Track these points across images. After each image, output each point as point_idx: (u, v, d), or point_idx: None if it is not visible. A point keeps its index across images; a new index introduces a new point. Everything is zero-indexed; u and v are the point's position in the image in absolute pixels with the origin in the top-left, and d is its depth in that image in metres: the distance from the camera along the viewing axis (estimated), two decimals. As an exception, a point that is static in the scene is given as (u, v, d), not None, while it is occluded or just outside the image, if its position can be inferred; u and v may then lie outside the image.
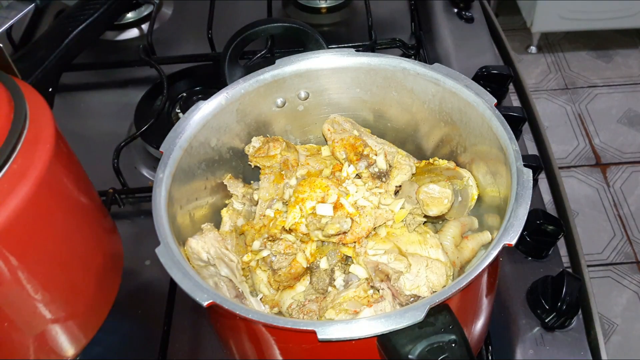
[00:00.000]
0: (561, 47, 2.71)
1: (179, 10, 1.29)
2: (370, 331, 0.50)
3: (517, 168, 0.58)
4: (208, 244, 0.64)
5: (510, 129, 0.61)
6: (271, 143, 0.73)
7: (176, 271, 0.55)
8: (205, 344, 0.78)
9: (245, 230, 0.70)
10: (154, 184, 0.62)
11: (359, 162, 0.70)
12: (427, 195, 0.65)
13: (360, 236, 0.64)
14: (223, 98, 0.70)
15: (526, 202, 0.56)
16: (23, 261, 0.62)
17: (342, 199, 0.65)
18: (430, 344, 0.49)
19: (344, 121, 0.75)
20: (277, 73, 0.72)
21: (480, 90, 0.66)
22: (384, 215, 0.66)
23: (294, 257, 0.65)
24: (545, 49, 2.72)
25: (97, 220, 0.75)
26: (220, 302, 0.52)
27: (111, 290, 0.78)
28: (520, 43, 2.74)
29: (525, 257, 0.83)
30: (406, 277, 0.61)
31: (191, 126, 0.67)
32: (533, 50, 2.71)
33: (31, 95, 0.66)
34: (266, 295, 0.67)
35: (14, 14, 0.84)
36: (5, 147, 0.58)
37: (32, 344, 0.69)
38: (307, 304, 0.63)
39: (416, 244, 0.64)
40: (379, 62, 0.71)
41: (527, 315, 0.77)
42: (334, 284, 0.65)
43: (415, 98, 0.72)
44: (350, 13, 1.25)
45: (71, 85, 1.14)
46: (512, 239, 0.54)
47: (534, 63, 2.68)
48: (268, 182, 0.72)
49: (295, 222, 0.64)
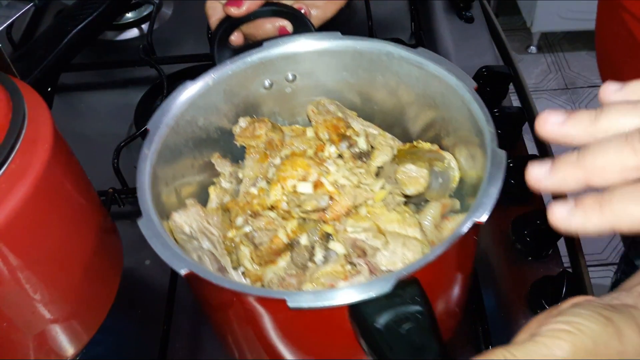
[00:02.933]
0: (561, 47, 2.71)
1: (179, 10, 1.29)
2: (339, 300, 0.52)
3: (492, 149, 0.60)
4: (191, 218, 0.66)
5: (488, 112, 0.63)
6: (257, 123, 0.75)
7: (156, 242, 0.57)
8: (205, 344, 0.78)
9: (229, 207, 0.72)
10: (139, 159, 0.64)
11: (341, 143, 0.73)
12: (404, 174, 0.69)
13: (340, 214, 0.67)
14: (210, 78, 0.71)
15: (498, 182, 0.58)
16: (22, 261, 0.62)
17: (322, 177, 0.68)
18: (397, 314, 0.51)
19: (329, 103, 0.77)
20: (264, 55, 0.73)
21: (461, 74, 0.67)
22: (363, 195, 0.68)
23: (274, 233, 0.68)
24: (545, 49, 2.72)
25: (97, 220, 0.75)
26: (197, 271, 0.55)
27: (111, 290, 0.78)
28: (520, 43, 2.74)
29: (525, 257, 0.83)
30: (383, 253, 0.63)
31: (177, 105, 0.69)
32: (533, 50, 2.71)
33: (30, 95, 0.66)
34: (249, 271, 0.70)
35: (13, 13, 0.84)
36: (4, 147, 0.58)
37: (31, 343, 0.69)
38: (287, 279, 0.66)
39: (395, 222, 0.67)
40: (363, 45, 0.73)
41: (527, 315, 0.77)
42: (314, 260, 0.67)
43: (400, 81, 0.73)
44: (350, 13, 1.25)
45: (71, 85, 1.14)
46: (482, 217, 0.55)
47: (534, 63, 2.68)
48: (253, 161, 0.75)
49: (277, 199, 0.67)
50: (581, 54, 2.65)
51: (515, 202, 0.89)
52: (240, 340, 0.69)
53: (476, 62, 1.06)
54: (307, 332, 0.61)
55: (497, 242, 0.85)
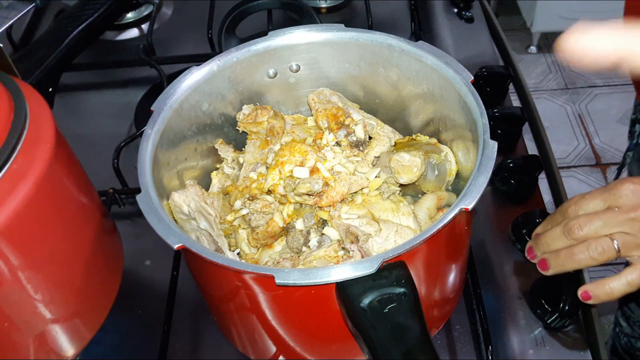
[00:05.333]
0: (561, 47, 2.71)
1: (179, 10, 1.29)
2: (325, 278, 0.53)
3: (484, 140, 0.61)
4: (189, 198, 0.68)
5: (482, 104, 0.64)
6: (259, 110, 0.77)
7: (152, 216, 0.59)
8: (205, 344, 0.78)
9: (229, 191, 0.74)
10: (141, 138, 0.65)
11: (339, 131, 0.74)
12: (397, 163, 0.70)
13: (335, 200, 0.69)
14: (215, 64, 0.73)
15: (487, 171, 0.59)
16: (23, 261, 0.62)
17: (319, 163, 0.69)
18: (382, 294, 0.53)
19: (331, 94, 0.79)
20: (269, 44, 0.75)
21: (458, 67, 0.69)
22: (359, 182, 0.70)
23: (271, 216, 0.69)
24: (545, 49, 2.72)
25: (97, 220, 0.75)
26: (190, 245, 0.56)
27: (111, 290, 0.78)
28: (520, 43, 2.74)
29: (525, 257, 0.82)
30: (375, 240, 0.65)
31: (182, 89, 0.70)
32: (533, 50, 2.71)
33: (31, 96, 0.66)
34: (246, 254, 0.71)
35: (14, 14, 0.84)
36: (6, 147, 0.58)
37: (32, 343, 0.69)
38: (282, 262, 0.67)
39: (389, 211, 0.69)
40: (366, 38, 0.74)
41: (527, 315, 0.77)
42: (308, 245, 0.68)
43: (400, 75, 0.75)
44: (350, 13, 1.25)
45: (71, 85, 1.14)
46: (470, 204, 0.57)
47: (534, 63, 2.68)
48: (254, 146, 0.77)
49: (274, 183, 0.69)
50: (581, 54, 2.66)
51: (515, 202, 0.89)
52: (235, 318, 0.70)
53: (476, 62, 1.06)
54: (297, 311, 0.62)
55: (497, 242, 0.85)
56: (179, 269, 0.82)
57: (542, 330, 0.76)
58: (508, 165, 0.89)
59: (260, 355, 0.72)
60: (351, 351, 0.66)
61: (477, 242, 0.84)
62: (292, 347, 0.67)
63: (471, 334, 0.77)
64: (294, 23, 1.04)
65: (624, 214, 0.64)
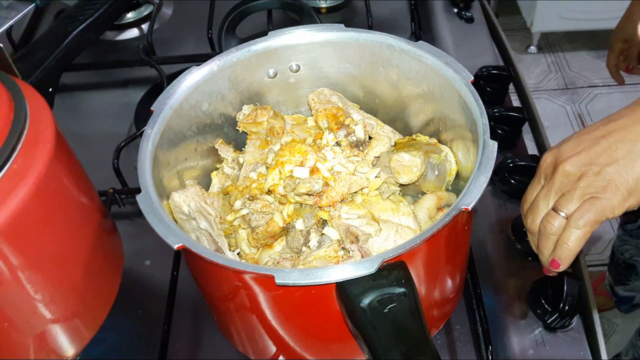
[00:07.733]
0: (561, 47, 2.71)
1: (179, 10, 1.29)
2: (325, 278, 0.53)
3: (484, 140, 0.61)
4: (189, 198, 0.68)
5: (482, 104, 0.64)
6: (259, 110, 0.77)
7: (152, 216, 0.59)
8: (205, 344, 0.78)
9: (229, 191, 0.74)
10: (141, 138, 0.65)
11: (339, 131, 0.75)
12: (397, 163, 0.70)
13: (335, 200, 0.69)
14: (215, 65, 0.73)
15: (487, 171, 0.59)
16: (23, 261, 0.62)
17: (319, 163, 0.69)
18: (382, 294, 0.53)
19: (331, 94, 0.79)
20: (269, 44, 0.75)
21: (458, 67, 0.68)
22: (359, 182, 0.70)
23: (271, 216, 0.69)
24: (545, 49, 2.72)
25: (97, 220, 0.75)
26: (190, 245, 0.56)
27: (111, 290, 0.78)
28: (520, 43, 2.74)
29: (525, 257, 0.83)
30: (375, 240, 0.65)
31: (182, 89, 0.70)
32: (533, 50, 2.70)
33: (31, 95, 0.66)
34: (246, 254, 0.71)
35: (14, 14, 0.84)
36: (6, 147, 0.58)
37: (32, 344, 0.69)
38: (282, 262, 0.67)
39: (389, 211, 0.69)
40: (366, 38, 0.74)
41: (527, 315, 0.77)
42: (308, 245, 0.68)
43: (401, 75, 0.75)
44: (350, 13, 1.25)
45: (71, 85, 1.14)
46: (469, 204, 0.56)
47: (534, 63, 2.67)
48: (254, 146, 0.77)
49: (274, 183, 0.69)
50: (581, 54, 2.65)
51: (515, 202, 0.89)
52: (235, 318, 0.70)
53: (476, 62, 1.06)
54: (297, 311, 0.63)
55: (497, 242, 0.85)
56: (179, 269, 0.82)
57: (542, 330, 0.76)
58: (508, 165, 0.89)
59: (260, 355, 0.72)
60: (351, 351, 0.66)
61: (477, 242, 0.84)
62: (292, 347, 0.67)
63: (471, 334, 0.77)
64: (294, 23, 1.05)
65: (549, 182, 0.62)
